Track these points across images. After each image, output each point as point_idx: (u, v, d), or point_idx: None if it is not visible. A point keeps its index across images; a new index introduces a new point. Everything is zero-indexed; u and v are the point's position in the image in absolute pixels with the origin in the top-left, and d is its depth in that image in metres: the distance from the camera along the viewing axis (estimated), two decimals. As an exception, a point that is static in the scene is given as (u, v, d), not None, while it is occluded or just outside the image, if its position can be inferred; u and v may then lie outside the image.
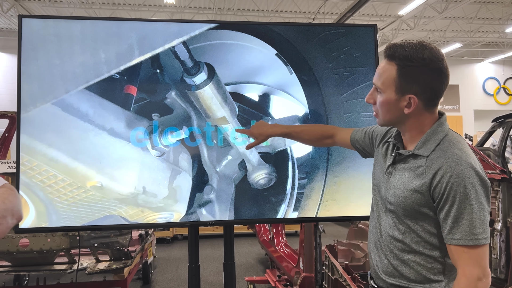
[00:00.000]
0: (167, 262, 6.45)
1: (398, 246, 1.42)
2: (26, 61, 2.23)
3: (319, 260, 3.68)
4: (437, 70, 1.35)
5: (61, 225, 2.27)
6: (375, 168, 1.60)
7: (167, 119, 2.35)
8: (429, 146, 1.38)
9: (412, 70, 1.35)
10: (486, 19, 14.08)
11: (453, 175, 1.28)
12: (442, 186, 1.30)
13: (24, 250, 3.81)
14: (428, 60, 1.34)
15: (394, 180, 1.44)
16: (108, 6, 12.52)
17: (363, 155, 1.79)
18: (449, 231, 1.29)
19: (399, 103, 1.38)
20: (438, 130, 1.40)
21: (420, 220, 1.38)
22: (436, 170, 1.32)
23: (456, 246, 1.28)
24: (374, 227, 1.55)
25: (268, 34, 2.42)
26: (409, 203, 1.37)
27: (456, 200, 1.27)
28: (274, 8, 12.97)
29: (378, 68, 1.44)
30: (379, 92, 1.43)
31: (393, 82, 1.37)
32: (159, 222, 2.35)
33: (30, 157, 2.20)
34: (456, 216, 1.28)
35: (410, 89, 1.36)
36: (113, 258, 4.09)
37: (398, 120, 1.43)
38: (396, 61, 1.37)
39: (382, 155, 1.56)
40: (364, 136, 1.73)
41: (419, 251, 1.38)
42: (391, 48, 1.39)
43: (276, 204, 2.44)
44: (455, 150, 1.33)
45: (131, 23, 2.35)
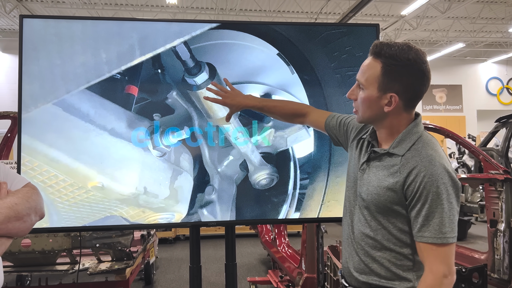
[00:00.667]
0: (169, 263, 6.44)
1: (369, 243, 1.46)
2: (27, 61, 2.23)
3: (321, 260, 3.67)
4: (420, 71, 1.38)
5: (62, 226, 2.26)
6: (349, 164, 1.63)
7: (169, 119, 2.34)
8: (404, 146, 1.41)
9: (397, 69, 1.37)
10: (489, 19, 14.04)
11: (426, 175, 1.32)
12: (416, 185, 1.33)
13: (26, 250, 3.81)
14: (413, 61, 1.36)
15: (368, 177, 1.47)
16: (110, 6, 12.54)
17: (334, 142, 1.82)
18: (419, 229, 1.33)
19: (380, 101, 1.41)
20: (413, 130, 1.43)
21: (391, 218, 1.41)
22: (410, 169, 1.36)
23: (425, 243, 1.32)
24: (346, 224, 1.58)
25: (270, 34, 2.41)
26: (382, 200, 1.41)
27: (428, 199, 1.32)
28: (276, 8, 12.96)
29: (363, 64, 1.46)
30: (362, 88, 1.45)
31: (377, 79, 1.40)
32: (160, 222, 2.34)
33: (31, 158, 2.20)
34: (427, 215, 1.32)
35: (392, 88, 1.39)
36: (115, 259, 4.09)
37: (377, 117, 1.46)
38: (381, 59, 1.39)
39: (357, 151, 1.58)
40: (339, 126, 1.75)
41: (389, 248, 1.42)
42: (378, 46, 1.41)
43: (277, 204, 2.43)
44: (429, 150, 1.37)
45: (132, 23, 2.34)
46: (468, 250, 4.63)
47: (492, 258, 4.03)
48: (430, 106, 18.61)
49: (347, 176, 1.62)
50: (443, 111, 18.75)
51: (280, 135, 2.41)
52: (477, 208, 6.87)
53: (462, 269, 3.38)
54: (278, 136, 2.41)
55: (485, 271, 3.45)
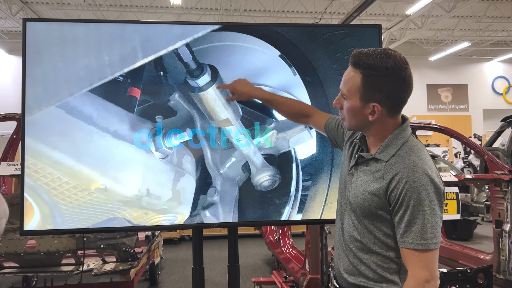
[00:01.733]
0: (174, 263, 6.45)
1: (357, 245, 1.48)
2: (31, 64, 2.24)
3: (325, 261, 3.66)
4: (400, 79, 1.38)
5: (66, 228, 2.28)
6: (342, 167, 1.65)
7: (171, 121, 2.35)
8: (389, 151, 1.42)
9: (376, 79, 1.37)
10: (495, 17, 13.95)
11: (408, 181, 1.33)
12: (398, 191, 1.34)
13: (32, 251, 3.83)
14: (392, 70, 1.36)
15: (355, 181, 1.49)
16: (115, 8, 12.59)
17: (333, 144, 1.84)
18: (402, 235, 1.35)
19: (364, 110, 1.42)
20: (399, 136, 1.44)
21: (376, 222, 1.43)
22: (393, 175, 1.37)
23: (407, 249, 1.33)
24: (337, 226, 1.60)
25: (272, 36, 2.41)
26: (367, 205, 1.42)
27: (410, 206, 1.32)
28: (280, 9, 12.95)
29: (344, 74, 1.47)
30: (345, 98, 1.46)
31: (358, 90, 1.41)
32: (163, 224, 2.35)
33: (35, 160, 2.21)
34: (409, 221, 1.33)
35: (373, 98, 1.40)
36: (120, 260, 4.11)
37: (363, 125, 1.47)
38: (360, 69, 1.40)
39: (348, 154, 1.60)
40: (337, 128, 1.77)
41: (375, 251, 1.44)
42: (357, 56, 1.41)
43: (280, 206, 2.43)
44: (413, 157, 1.38)
45: (135, 26, 2.35)
46: (473, 250, 4.61)
47: (497, 259, 4.00)
48: (436, 105, 18.52)
49: (340, 179, 1.64)
50: (449, 110, 18.65)
51: (282, 136, 2.41)
52: (483, 208, 6.84)
53: (468, 270, 3.36)
54: (280, 138, 2.41)
55: (491, 272, 3.43)
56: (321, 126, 1.85)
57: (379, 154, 1.44)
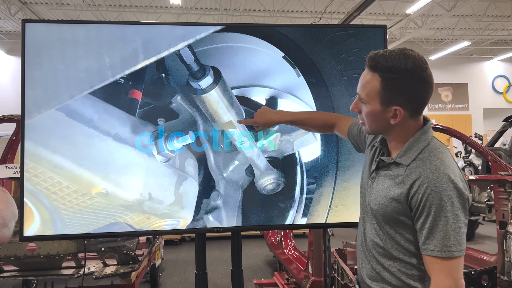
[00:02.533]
0: (175, 265, 6.42)
1: (379, 251, 1.44)
2: (30, 67, 2.20)
3: (328, 264, 3.62)
4: (421, 79, 1.33)
5: (66, 233, 2.23)
6: (363, 171, 1.61)
7: (173, 124, 2.31)
8: (411, 155, 1.37)
9: (396, 81, 1.33)
10: (495, 16, 13.93)
11: (429, 186, 1.28)
12: (419, 196, 1.30)
13: (32, 254, 3.81)
14: (412, 71, 1.31)
15: (377, 186, 1.45)
16: (114, 8, 12.55)
17: (357, 149, 1.80)
18: (424, 242, 1.30)
19: (385, 114, 1.38)
20: (421, 138, 1.39)
21: (398, 228, 1.38)
22: (413, 180, 1.32)
23: (430, 256, 1.29)
24: (360, 231, 1.56)
25: (275, 36, 2.37)
26: (388, 210, 1.38)
27: (431, 212, 1.28)
28: (280, 8, 12.93)
29: (362, 78, 1.41)
30: (364, 103, 1.41)
31: (378, 94, 1.36)
32: (166, 229, 2.31)
33: (35, 164, 2.18)
34: (431, 227, 1.28)
35: (395, 101, 1.35)
36: (121, 262, 4.08)
37: (384, 129, 1.43)
38: (379, 72, 1.35)
39: (369, 158, 1.56)
40: (359, 133, 1.74)
41: (398, 258, 1.39)
42: (374, 59, 1.36)
43: (284, 210, 2.39)
44: (435, 160, 1.33)
45: (136, 27, 2.31)
46: (477, 252, 4.57)
47: (501, 260, 3.97)
48: (436, 105, 18.49)
49: (361, 182, 1.59)
50: (449, 109, 18.64)
51: (286, 139, 2.37)
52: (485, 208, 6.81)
53: (472, 271, 3.33)
54: (284, 140, 2.38)
55: (495, 273, 3.40)
56: (344, 133, 1.82)
57: (400, 158, 1.39)
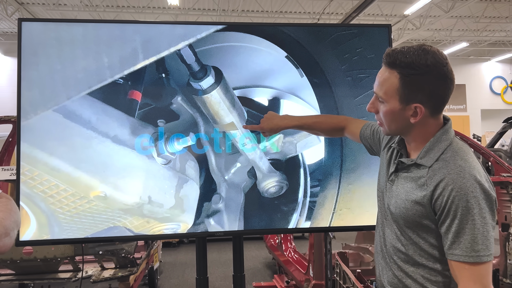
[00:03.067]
0: (173, 267, 6.36)
1: (401, 257, 1.37)
2: (27, 66, 2.15)
3: (329, 267, 3.58)
4: (442, 75, 1.27)
5: (64, 237, 2.18)
6: (379, 173, 1.54)
7: (173, 125, 2.25)
8: (432, 156, 1.31)
9: (416, 78, 1.27)
10: (493, 17, 13.95)
11: (455, 188, 1.22)
12: (443, 199, 1.23)
13: (28, 258, 3.75)
14: (432, 66, 1.26)
15: (396, 189, 1.38)
16: (112, 8, 12.49)
17: (370, 152, 1.74)
18: (450, 246, 1.24)
19: (405, 113, 1.32)
20: (442, 138, 1.33)
21: (421, 232, 1.32)
22: (437, 182, 1.26)
23: (456, 262, 1.22)
24: (378, 236, 1.50)
25: (278, 36, 2.32)
26: (410, 214, 1.31)
27: (457, 215, 1.21)
28: (278, 9, 12.89)
29: (379, 75, 1.36)
30: (382, 101, 1.36)
31: (397, 91, 1.30)
32: (166, 233, 2.25)
33: (31, 167, 2.12)
34: (457, 231, 1.22)
35: (415, 98, 1.29)
36: (119, 266, 4.02)
37: (404, 129, 1.37)
38: (397, 69, 1.29)
39: (386, 160, 1.49)
40: (373, 134, 1.67)
41: (422, 264, 1.33)
42: (391, 55, 1.31)
43: (287, 213, 2.34)
44: (459, 161, 1.27)
45: (135, 26, 2.26)
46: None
47: (504, 262, 3.93)
48: (434, 106, 18.47)
49: (378, 185, 1.53)
50: (447, 110, 18.55)
51: (289, 141, 2.32)
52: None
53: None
54: (287, 142, 2.33)
55: (497, 276, 3.36)
56: (356, 136, 1.76)
57: (421, 159, 1.33)
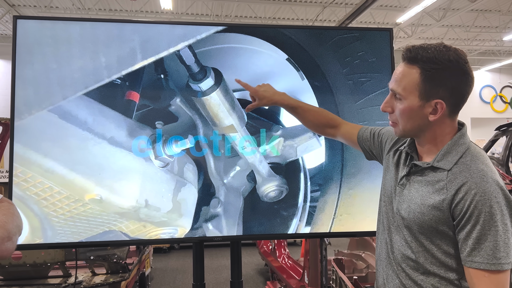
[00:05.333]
0: (164, 273, 6.28)
1: (410, 265, 1.32)
2: (21, 65, 2.09)
3: (325, 273, 3.54)
4: (464, 71, 1.25)
5: (57, 241, 2.11)
6: (385, 178, 1.49)
7: (172, 127, 2.21)
8: (450, 159, 1.27)
9: (438, 72, 1.24)
10: (483, 27, 14.10)
11: (478, 193, 1.18)
12: (466, 203, 1.19)
13: (17, 263, 3.66)
14: (455, 62, 1.24)
15: (409, 193, 1.33)
16: (105, 12, 12.42)
17: (368, 156, 1.69)
18: (469, 253, 1.19)
19: (423, 110, 1.28)
20: (460, 142, 1.30)
21: (436, 239, 1.27)
22: (459, 185, 1.22)
23: (476, 269, 1.18)
24: (383, 243, 1.44)
25: (278, 38, 2.29)
26: (426, 219, 1.27)
27: (480, 220, 1.17)
28: (271, 15, 12.92)
29: (396, 73, 1.33)
30: (399, 99, 1.32)
31: (417, 87, 1.27)
32: (163, 238, 2.20)
33: (24, 168, 2.05)
34: (478, 238, 1.17)
35: (436, 94, 1.26)
36: (110, 271, 3.94)
37: (421, 128, 1.32)
38: (419, 64, 1.26)
39: (394, 164, 1.45)
40: (372, 137, 1.63)
41: (433, 272, 1.28)
42: (412, 51, 1.28)
43: (287, 218, 2.29)
44: (480, 165, 1.23)
45: (133, 25, 2.21)
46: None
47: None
48: (425, 113, 18.62)
49: (383, 190, 1.48)
50: (437, 118, 18.78)
51: (289, 144, 2.29)
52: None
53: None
54: (288, 146, 2.29)
55: None
56: (353, 137, 1.70)
57: (439, 162, 1.28)
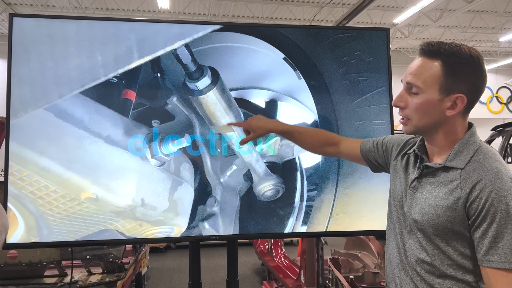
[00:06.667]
0: (161, 273, 6.28)
1: (426, 268, 1.29)
2: (17, 64, 2.08)
3: (321, 273, 3.54)
4: (482, 70, 1.26)
5: (53, 240, 2.10)
6: (394, 182, 1.46)
7: (168, 126, 2.20)
8: (463, 158, 1.25)
9: (461, 67, 1.24)
10: (480, 28, 14.15)
11: (493, 190, 1.16)
12: (481, 201, 1.17)
13: (12, 262, 3.65)
14: (476, 58, 1.24)
15: (422, 195, 1.31)
16: (101, 11, 12.39)
17: (373, 168, 1.65)
18: (486, 252, 1.17)
19: (442, 104, 1.26)
20: (471, 140, 1.28)
21: (452, 240, 1.24)
22: (474, 183, 1.19)
23: (493, 269, 1.15)
24: (395, 248, 1.41)
25: (276, 37, 2.29)
26: (441, 221, 1.24)
27: (496, 218, 1.15)
28: (269, 15, 12.91)
29: (413, 66, 1.30)
30: (416, 93, 1.29)
31: (438, 80, 1.25)
32: (159, 237, 2.19)
33: (20, 167, 2.04)
34: (495, 236, 1.15)
35: (457, 88, 1.24)
36: (106, 271, 3.93)
37: (435, 124, 1.30)
38: (441, 57, 1.25)
39: (403, 168, 1.42)
40: (376, 148, 1.60)
41: (450, 275, 1.25)
42: (433, 45, 1.26)
43: (283, 217, 2.29)
44: (494, 162, 1.21)
45: (130, 24, 2.20)
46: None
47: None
48: (421, 114, 18.66)
49: (392, 195, 1.46)
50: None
51: (286, 143, 2.29)
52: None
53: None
54: (284, 145, 2.29)
55: None
56: (355, 150, 1.66)
57: (451, 162, 1.27)
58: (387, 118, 2.32)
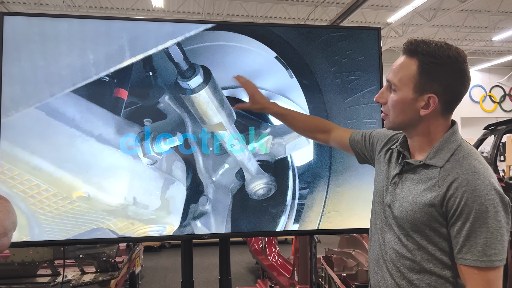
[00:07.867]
0: (155, 272, 6.27)
1: (406, 264, 1.30)
2: (8, 62, 2.07)
3: (314, 271, 3.56)
4: (461, 70, 1.25)
5: (44, 239, 2.10)
6: (377, 177, 1.49)
7: (160, 124, 2.20)
8: (443, 156, 1.27)
9: (435, 67, 1.24)
10: (473, 27, 14.23)
11: (468, 190, 1.18)
12: (456, 200, 1.19)
13: (5, 262, 3.64)
14: (454, 59, 1.24)
15: (401, 192, 1.33)
16: (95, 10, 12.34)
17: (360, 159, 1.68)
18: (460, 250, 1.19)
19: (416, 103, 1.28)
20: (452, 139, 1.29)
21: (430, 236, 1.26)
22: (450, 182, 1.21)
23: (467, 266, 1.18)
24: (376, 243, 1.42)
25: (268, 36, 2.30)
26: (419, 217, 1.26)
27: (470, 217, 1.16)
28: (263, 14, 12.92)
29: (395, 64, 1.32)
30: (394, 90, 1.31)
31: (412, 79, 1.27)
32: (151, 235, 2.19)
33: (11, 166, 2.04)
34: (468, 235, 1.17)
35: (430, 88, 1.25)
36: (99, 270, 3.94)
37: (411, 122, 1.32)
38: (418, 56, 1.26)
39: (385, 163, 1.44)
40: (364, 140, 1.63)
41: (429, 271, 1.26)
42: (413, 43, 1.28)
43: (275, 215, 2.30)
44: (472, 161, 1.22)
45: (122, 23, 2.20)
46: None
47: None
48: (415, 113, 18.73)
49: (375, 190, 1.48)
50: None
51: (278, 142, 2.29)
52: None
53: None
54: (276, 143, 2.30)
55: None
56: (345, 140, 1.70)
57: (431, 160, 1.28)
58: (378, 117, 2.34)
